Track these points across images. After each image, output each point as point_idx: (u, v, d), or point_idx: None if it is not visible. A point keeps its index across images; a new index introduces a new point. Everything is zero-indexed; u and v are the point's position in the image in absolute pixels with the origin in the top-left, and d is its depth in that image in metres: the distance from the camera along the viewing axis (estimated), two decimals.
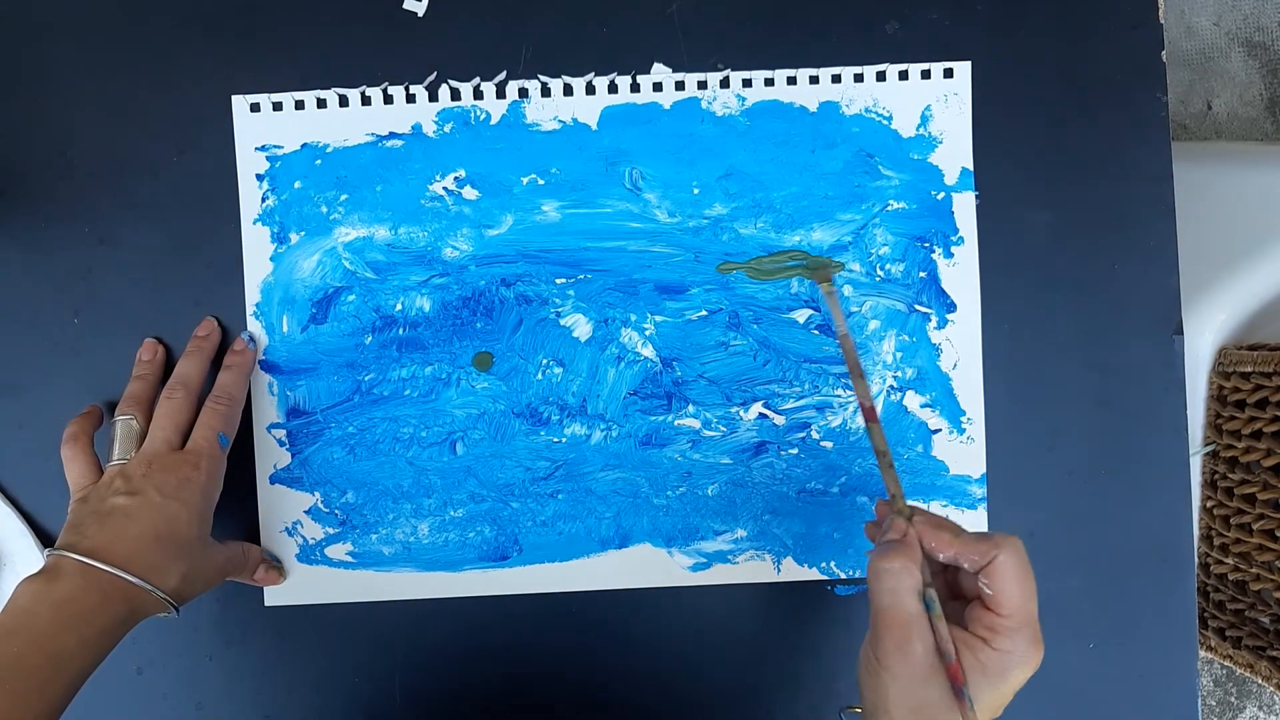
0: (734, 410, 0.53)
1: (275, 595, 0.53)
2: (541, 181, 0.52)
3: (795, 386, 0.53)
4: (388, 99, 0.52)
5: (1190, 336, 0.72)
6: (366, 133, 0.52)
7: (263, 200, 0.52)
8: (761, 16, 0.52)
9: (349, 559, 0.53)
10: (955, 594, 0.41)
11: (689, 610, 0.53)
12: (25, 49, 0.52)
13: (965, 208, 0.52)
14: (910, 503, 0.42)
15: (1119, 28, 0.52)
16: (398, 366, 0.52)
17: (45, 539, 0.53)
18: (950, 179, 0.52)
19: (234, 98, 0.52)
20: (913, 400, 0.53)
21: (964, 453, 0.53)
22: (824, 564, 0.53)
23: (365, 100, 0.52)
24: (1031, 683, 0.54)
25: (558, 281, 0.52)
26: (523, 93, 0.52)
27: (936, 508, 0.53)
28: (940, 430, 0.53)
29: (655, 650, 0.53)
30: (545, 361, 0.52)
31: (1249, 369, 0.73)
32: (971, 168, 0.52)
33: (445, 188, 0.52)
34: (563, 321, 0.52)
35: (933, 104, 0.52)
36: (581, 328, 0.53)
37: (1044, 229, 0.53)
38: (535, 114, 0.52)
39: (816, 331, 0.53)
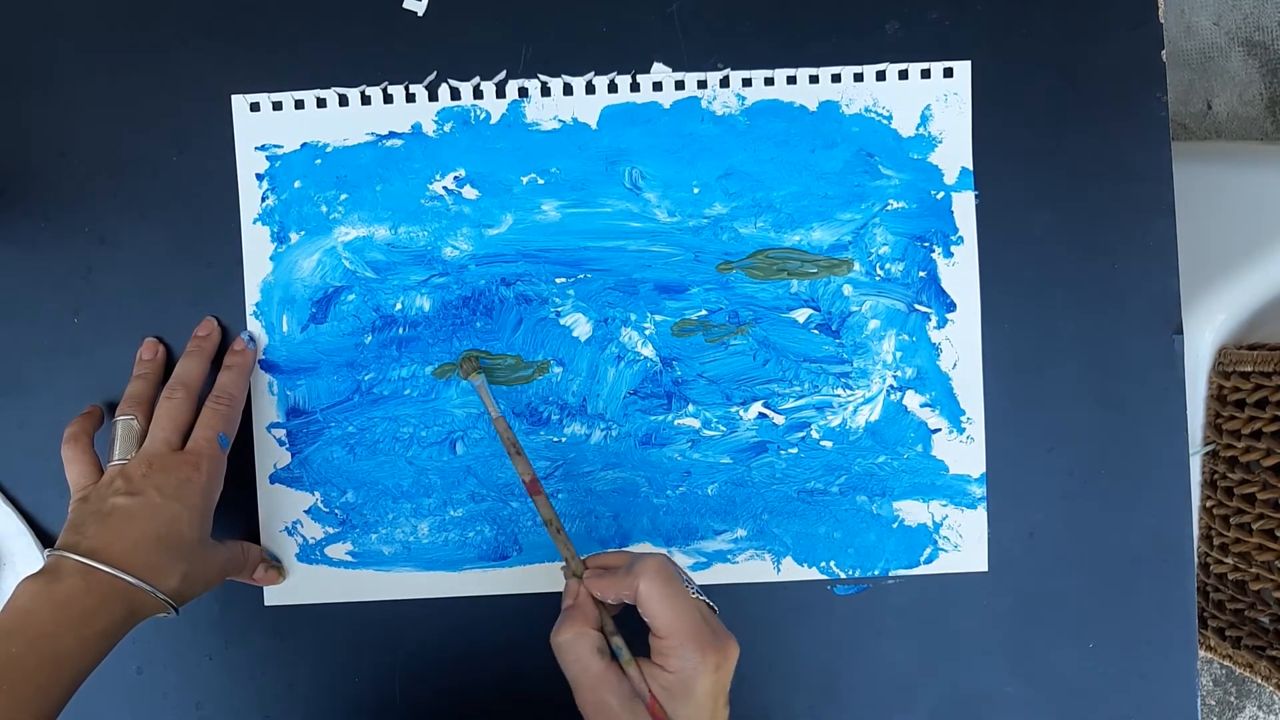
0: (734, 410, 0.53)
1: (275, 595, 0.53)
2: (541, 181, 0.52)
3: (795, 386, 0.53)
4: (388, 98, 0.52)
5: (1190, 336, 0.72)
6: (366, 132, 0.52)
7: (263, 200, 0.52)
8: (761, 16, 0.52)
9: (349, 559, 0.53)
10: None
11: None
12: (25, 49, 0.52)
13: (965, 207, 0.52)
14: (591, 555, 0.44)
15: (1119, 28, 0.52)
16: (398, 366, 0.52)
17: (45, 539, 0.53)
18: (950, 179, 0.52)
19: (234, 97, 0.52)
20: (912, 400, 0.53)
21: (964, 452, 0.53)
22: (823, 564, 0.53)
23: (365, 100, 0.52)
24: (1032, 682, 0.54)
25: (557, 281, 0.52)
26: (523, 92, 0.52)
27: (936, 507, 0.53)
28: (940, 430, 0.53)
29: None
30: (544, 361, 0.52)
31: (1249, 369, 0.73)
32: (971, 167, 0.52)
33: (445, 187, 0.52)
34: (563, 321, 0.52)
35: (932, 104, 0.52)
36: (581, 327, 0.53)
37: (1044, 229, 0.53)
38: (535, 113, 0.52)
39: (816, 331, 0.53)
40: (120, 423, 0.48)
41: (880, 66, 0.52)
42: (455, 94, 0.52)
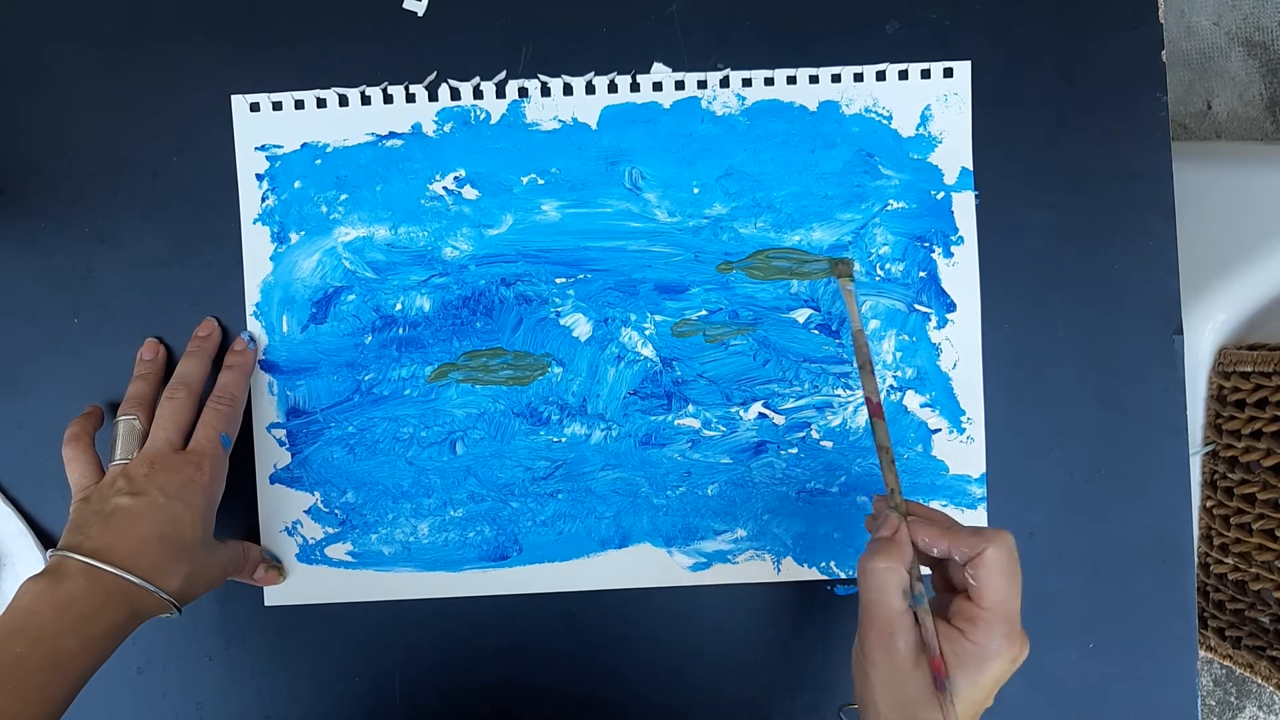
0: (734, 410, 0.53)
1: (275, 595, 0.53)
2: (541, 181, 0.52)
3: (795, 386, 0.53)
4: (388, 99, 0.52)
5: (1190, 336, 0.72)
6: (366, 132, 0.52)
7: (263, 200, 0.52)
8: (761, 16, 0.52)
9: (349, 559, 0.53)
10: (949, 587, 0.41)
11: (689, 610, 0.53)
12: (26, 49, 0.52)
13: (965, 207, 0.52)
14: (909, 499, 0.43)
15: (1119, 28, 0.52)
16: (398, 366, 0.52)
17: (45, 539, 0.53)
18: (950, 179, 0.52)
19: (234, 98, 0.52)
20: (913, 400, 0.53)
21: (964, 452, 0.53)
22: (824, 564, 0.53)
23: (365, 100, 0.52)
24: (1032, 682, 0.54)
25: (558, 281, 0.52)
26: (523, 92, 0.52)
27: (936, 507, 0.53)
28: (940, 430, 0.53)
29: (655, 650, 0.53)
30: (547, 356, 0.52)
31: (1249, 369, 0.73)
32: (971, 167, 0.52)
33: (445, 187, 0.52)
34: (563, 321, 0.52)
35: (932, 104, 0.52)
36: (581, 327, 0.53)
37: (1044, 229, 0.53)
38: (535, 114, 0.52)
39: (816, 331, 0.53)
40: (122, 423, 0.48)
41: (880, 66, 0.52)
42: (455, 94, 0.52)
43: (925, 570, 0.42)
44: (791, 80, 0.52)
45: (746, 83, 0.52)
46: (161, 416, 0.48)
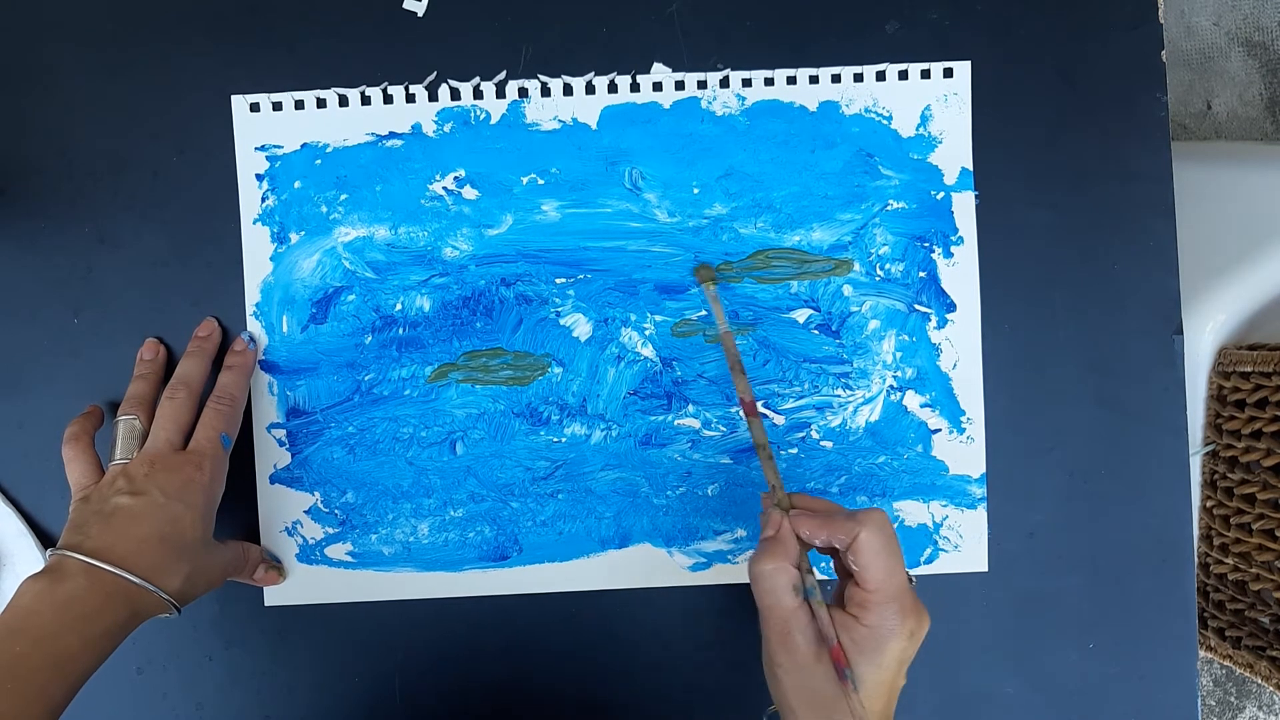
0: (734, 410, 0.53)
1: (275, 595, 0.53)
2: (541, 181, 0.52)
3: (795, 386, 0.53)
4: (387, 99, 0.52)
5: (1190, 336, 0.72)
6: (366, 132, 0.52)
7: (263, 200, 0.52)
8: (761, 16, 0.52)
9: (349, 559, 0.53)
10: (846, 573, 0.41)
11: (689, 610, 0.53)
12: (26, 49, 0.52)
13: (965, 207, 0.52)
14: (793, 493, 0.43)
15: (1119, 28, 0.52)
16: (398, 366, 0.52)
17: (45, 539, 0.53)
18: (950, 179, 0.52)
19: (234, 98, 0.52)
20: (912, 400, 0.53)
21: (964, 452, 0.53)
22: (823, 564, 0.53)
23: (365, 100, 0.52)
24: (1032, 682, 0.54)
25: (557, 281, 0.52)
26: (523, 92, 0.52)
27: (936, 507, 0.53)
28: (940, 430, 0.53)
29: (655, 650, 0.53)
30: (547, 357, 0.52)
31: (1249, 369, 0.73)
32: (971, 168, 0.52)
33: (445, 187, 0.52)
34: (562, 321, 0.52)
35: (932, 104, 0.52)
36: (581, 327, 0.53)
37: (1044, 229, 0.53)
38: (535, 114, 0.52)
39: (816, 331, 0.53)
40: (122, 422, 0.48)
41: (880, 67, 0.52)
42: (455, 94, 0.52)
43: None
44: (791, 80, 0.52)
45: (746, 83, 0.52)
46: (162, 416, 0.48)
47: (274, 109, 0.52)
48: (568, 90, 0.52)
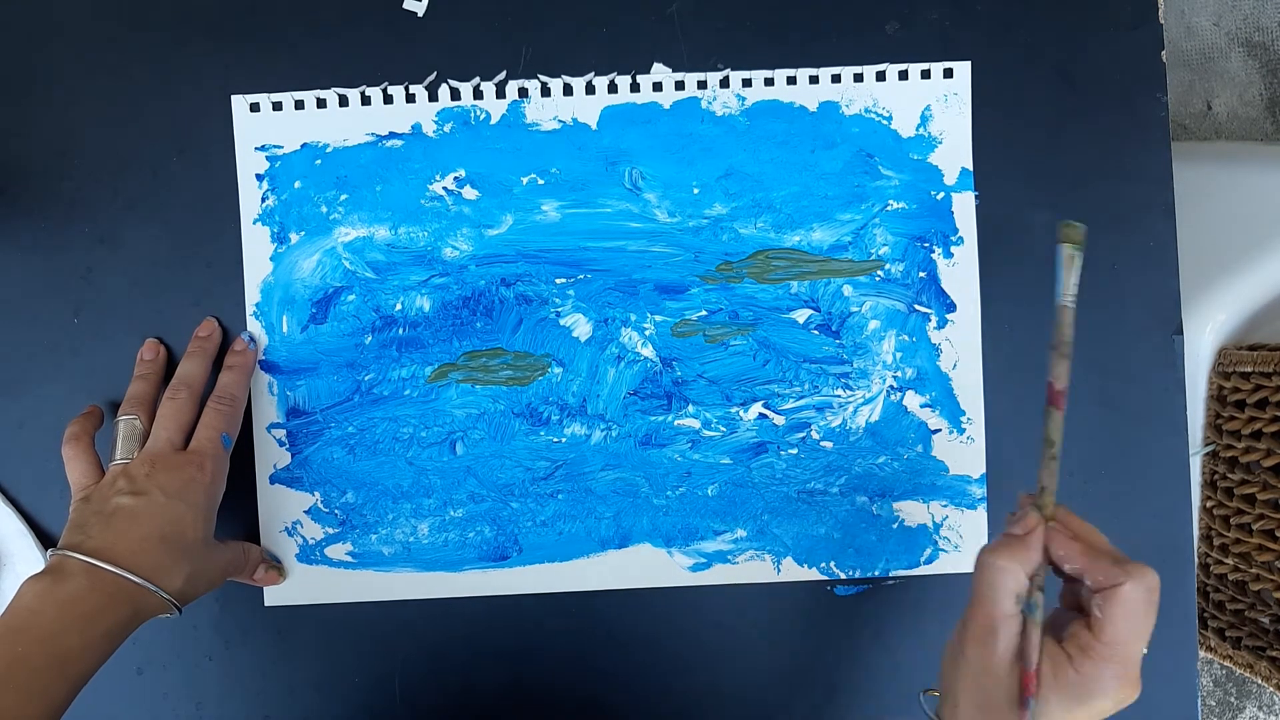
0: (734, 410, 0.53)
1: (275, 595, 0.53)
2: (541, 181, 0.52)
3: (795, 386, 0.53)
4: (388, 99, 0.52)
5: (1190, 336, 0.72)
6: (366, 133, 0.52)
7: (263, 200, 0.52)
8: (761, 16, 0.52)
9: (349, 559, 0.53)
10: (1076, 606, 0.38)
11: (689, 610, 0.53)
12: (26, 49, 0.52)
13: (965, 208, 0.52)
14: (1061, 507, 0.39)
15: (1119, 28, 0.52)
16: (397, 366, 0.52)
17: (45, 539, 0.53)
18: (950, 179, 0.52)
19: (234, 98, 0.52)
20: (912, 400, 0.53)
21: (964, 453, 0.53)
22: (824, 564, 0.53)
23: (365, 100, 0.52)
24: None
25: (557, 281, 0.52)
26: (523, 93, 0.52)
27: (936, 507, 0.53)
28: (940, 430, 0.53)
29: (655, 650, 0.53)
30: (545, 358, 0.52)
31: (1249, 369, 0.73)
32: (971, 168, 0.52)
33: (445, 188, 0.52)
34: (562, 321, 0.52)
35: (932, 104, 0.52)
36: (581, 328, 0.53)
37: (1044, 229, 0.53)
38: (535, 114, 0.52)
39: (816, 332, 0.53)
40: (123, 422, 0.48)
41: (880, 67, 0.52)
42: (455, 94, 0.52)
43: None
44: (791, 81, 0.52)
45: (746, 83, 0.52)
46: (163, 416, 0.48)
47: (274, 109, 0.52)
48: (568, 90, 0.52)
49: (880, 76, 0.52)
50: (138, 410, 0.48)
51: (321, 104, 0.52)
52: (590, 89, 0.52)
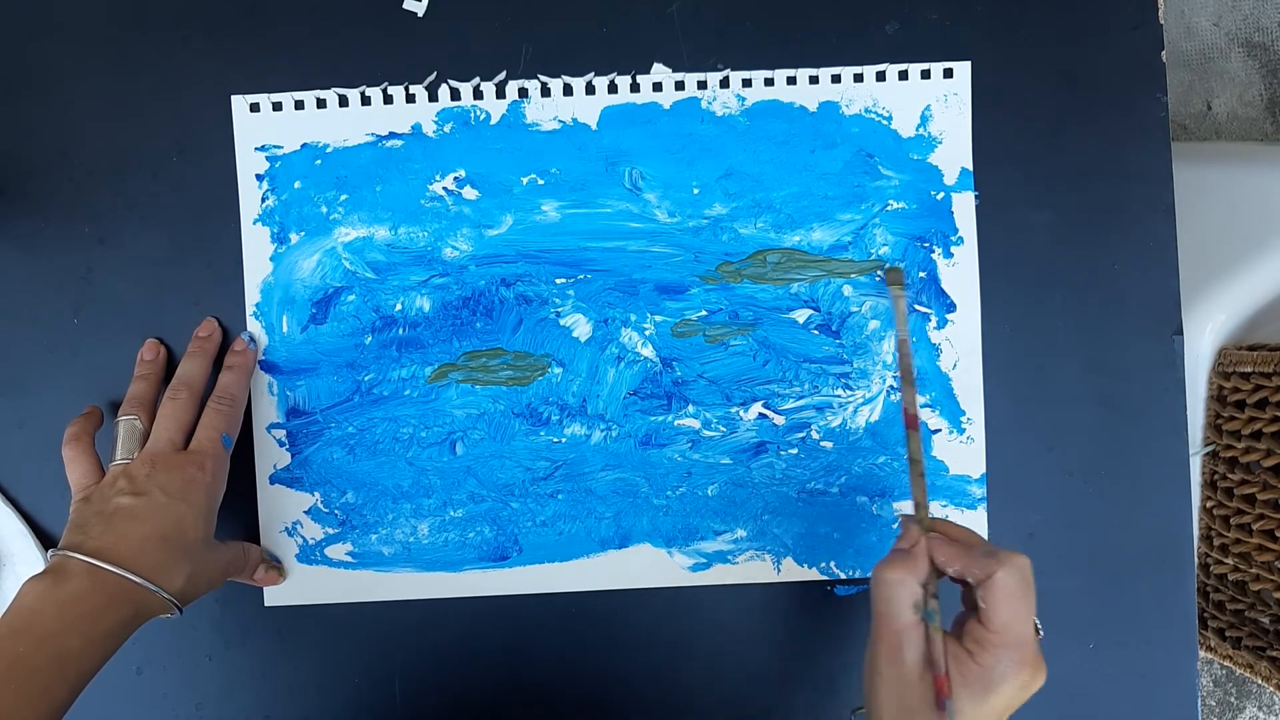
0: (734, 410, 0.53)
1: (275, 595, 0.53)
2: (541, 181, 0.52)
3: (795, 386, 0.53)
4: (387, 99, 0.52)
5: (1190, 336, 0.72)
6: (366, 133, 0.52)
7: (263, 200, 0.52)
8: (761, 16, 0.52)
9: (349, 559, 0.53)
10: (970, 605, 0.41)
11: (689, 610, 0.53)
12: (26, 49, 0.52)
13: (965, 208, 0.52)
14: (937, 519, 0.43)
15: (1119, 28, 0.52)
16: (397, 367, 0.52)
17: (45, 539, 0.53)
18: (950, 179, 0.52)
19: (234, 98, 0.52)
20: None
21: (964, 453, 0.53)
22: (824, 564, 0.53)
23: (365, 100, 0.52)
24: None
25: (557, 281, 0.52)
26: (523, 93, 0.52)
27: (936, 507, 0.53)
28: (940, 430, 0.53)
29: (655, 650, 0.53)
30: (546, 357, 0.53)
31: (1249, 369, 0.73)
32: (971, 168, 0.52)
33: (445, 188, 0.52)
34: (562, 321, 0.52)
35: (932, 104, 0.52)
36: (581, 328, 0.53)
37: (1044, 229, 0.53)
38: (535, 114, 0.52)
39: (816, 331, 0.53)
40: (123, 422, 0.48)
41: (880, 67, 0.52)
42: (455, 94, 0.52)
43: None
44: (791, 81, 0.52)
45: (746, 83, 0.52)
46: (163, 416, 0.48)
47: (274, 109, 0.52)
48: (568, 90, 0.52)
49: (880, 76, 0.52)
50: (138, 410, 0.48)
51: (321, 104, 0.52)
52: (590, 89, 0.52)
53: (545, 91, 0.52)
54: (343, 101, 0.52)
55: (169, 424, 0.47)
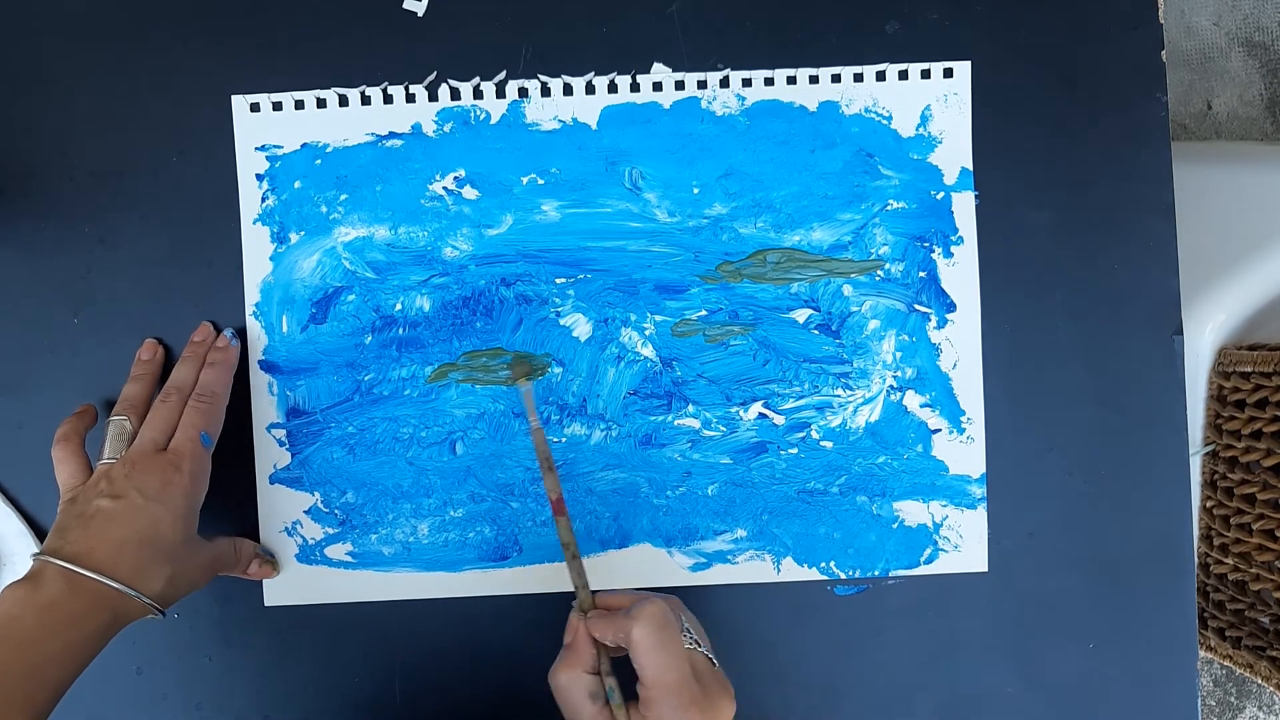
0: (734, 410, 0.53)
1: (275, 595, 0.53)
2: (541, 181, 0.52)
3: (795, 386, 0.53)
4: (387, 99, 0.52)
5: (1190, 336, 0.72)
6: (366, 132, 0.52)
7: (263, 200, 0.52)
8: (761, 16, 0.52)
9: (349, 559, 0.53)
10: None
11: (689, 610, 0.53)
12: (26, 49, 0.52)
13: (965, 207, 0.52)
14: (600, 591, 0.44)
15: (1119, 28, 0.52)
16: (397, 366, 0.52)
17: (45, 539, 0.53)
18: (950, 179, 0.52)
19: (234, 98, 0.52)
20: (912, 400, 0.53)
21: (964, 452, 0.53)
22: (823, 564, 0.53)
23: (365, 100, 0.52)
24: (1032, 683, 0.54)
25: (558, 281, 0.52)
26: (523, 92, 0.52)
27: (936, 507, 0.53)
28: (940, 430, 0.53)
29: None
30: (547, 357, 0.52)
31: (1249, 369, 0.73)
32: (971, 167, 0.52)
33: (445, 187, 0.52)
34: (562, 321, 0.52)
35: (932, 104, 0.52)
36: (581, 327, 0.53)
37: (1044, 229, 0.53)
38: (535, 114, 0.52)
39: (816, 331, 0.53)
40: (113, 423, 0.47)
41: (880, 66, 0.52)
42: (455, 94, 0.52)
43: None
44: (791, 80, 0.52)
45: (746, 83, 0.52)
46: (151, 418, 0.47)
47: (274, 109, 0.52)
48: (568, 90, 0.52)
49: (880, 76, 0.52)
50: (129, 412, 0.48)
51: (321, 104, 0.52)
52: (590, 89, 0.52)
53: (545, 91, 0.52)
54: (343, 101, 0.52)
55: (155, 425, 0.47)
